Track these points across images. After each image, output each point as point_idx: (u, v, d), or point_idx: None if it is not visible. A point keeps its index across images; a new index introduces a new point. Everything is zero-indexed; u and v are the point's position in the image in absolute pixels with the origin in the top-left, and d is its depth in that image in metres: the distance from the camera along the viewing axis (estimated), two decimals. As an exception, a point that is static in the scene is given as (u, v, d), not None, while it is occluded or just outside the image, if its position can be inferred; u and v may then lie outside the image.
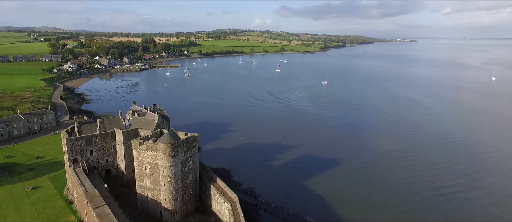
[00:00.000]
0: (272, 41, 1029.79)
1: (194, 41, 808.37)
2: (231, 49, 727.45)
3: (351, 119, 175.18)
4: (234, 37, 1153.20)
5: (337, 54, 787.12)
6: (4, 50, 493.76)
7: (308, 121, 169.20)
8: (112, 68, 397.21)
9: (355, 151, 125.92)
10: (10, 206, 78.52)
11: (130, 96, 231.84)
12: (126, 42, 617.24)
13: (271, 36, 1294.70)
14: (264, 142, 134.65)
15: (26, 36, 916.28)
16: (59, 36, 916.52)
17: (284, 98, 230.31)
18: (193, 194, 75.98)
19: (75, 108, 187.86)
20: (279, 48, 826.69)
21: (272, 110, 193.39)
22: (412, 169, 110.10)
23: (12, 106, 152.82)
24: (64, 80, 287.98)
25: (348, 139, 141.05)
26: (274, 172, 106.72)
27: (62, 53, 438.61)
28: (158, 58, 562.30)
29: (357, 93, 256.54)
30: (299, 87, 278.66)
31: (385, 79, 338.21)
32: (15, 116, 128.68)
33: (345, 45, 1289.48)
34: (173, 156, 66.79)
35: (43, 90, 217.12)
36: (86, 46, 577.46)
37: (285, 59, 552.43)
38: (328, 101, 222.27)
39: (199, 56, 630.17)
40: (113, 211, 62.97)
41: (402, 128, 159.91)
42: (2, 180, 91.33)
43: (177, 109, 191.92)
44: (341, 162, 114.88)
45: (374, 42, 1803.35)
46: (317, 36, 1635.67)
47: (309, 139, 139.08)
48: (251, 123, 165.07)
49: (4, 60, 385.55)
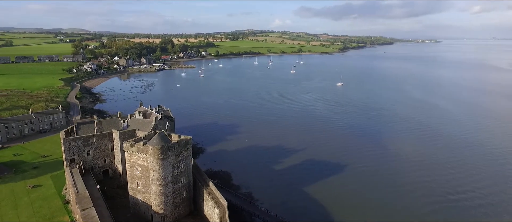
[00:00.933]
0: (290, 42, 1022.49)
1: (212, 42, 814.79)
2: (248, 50, 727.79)
3: (363, 123, 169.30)
4: (253, 38, 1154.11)
5: (356, 55, 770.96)
6: (30, 51, 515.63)
7: (318, 124, 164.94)
8: (129, 69, 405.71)
9: (364, 157, 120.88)
10: (9, 204, 79.94)
11: (143, 96, 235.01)
12: (145, 43, 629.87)
13: (289, 37, 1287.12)
14: (269, 145, 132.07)
15: (53, 38, 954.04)
16: (83, 37, 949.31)
17: (295, 100, 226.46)
18: (186, 197, 74.56)
19: (89, 107, 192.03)
20: (297, 49, 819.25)
21: (282, 112, 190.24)
22: (424, 175, 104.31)
23: (27, 105, 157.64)
24: (83, 80, 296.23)
25: (358, 143, 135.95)
26: (276, 176, 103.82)
27: (83, 54, 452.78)
28: (175, 59, 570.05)
29: (372, 95, 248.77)
30: (313, 89, 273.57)
31: (403, 82, 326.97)
32: (27, 115, 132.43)
33: (365, 46, 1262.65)
34: (162, 159, 65.58)
35: (60, 90, 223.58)
36: (107, 47, 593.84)
37: (301, 60, 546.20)
38: (341, 103, 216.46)
39: (216, 57, 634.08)
40: (101, 213, 62.51)
41: (415, 132, 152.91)
42: (6, 177, 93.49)
43: (187, 110, 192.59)
44: (348, 168, 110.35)
45: (396, 42, 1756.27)
46: (337, 37, 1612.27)
47: (317, 143, 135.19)
48: (258, 124, 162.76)
49: (29, 60, 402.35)
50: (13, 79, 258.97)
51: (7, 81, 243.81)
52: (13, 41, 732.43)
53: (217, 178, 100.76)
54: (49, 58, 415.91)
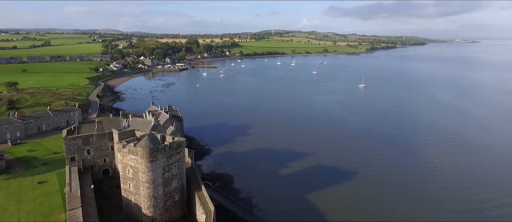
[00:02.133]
0: (316, 42, 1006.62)
1: (237, 42, 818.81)
2: (272, 50, 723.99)
3: (381, 127, 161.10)
4: (278, 38, 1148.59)
5: (384, 56, 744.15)
6: (64, 50, 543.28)
7: (334, 127, 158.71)
8: (154, 68, 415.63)
9: (378, 164, 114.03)
10: (14, 198, 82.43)
11: (162, 95, 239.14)
12: (171, 43, 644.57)
13: (316, 37, 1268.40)
14: (279, 148, 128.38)
15: (87, 38, 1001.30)
16: (114, 37, 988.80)
17: (313, 101, 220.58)
18: (179, 201, 73.18)
19: (108, 106, 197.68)
20: (322, 50, 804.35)
21: (297, 114, 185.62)
22: (441, 182, 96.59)
23: (49, 102, 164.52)
24: (107, 79, 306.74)
25: (374, 149, 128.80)
26: (280, 182, 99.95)
27: (111, 54, 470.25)
28: (199, 58, 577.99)
29: (395, 98, 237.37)
30: (333, 91, 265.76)
31: (432, 84, 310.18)
32: (45, 112, 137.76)
33: (395, 46, 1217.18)
34: (151, 161, 64.48)
35: (84, 88, 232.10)
36: (134, 47, 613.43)
37: (325, 61, 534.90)
38: (361, 106, 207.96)
39: (240, 57, 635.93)
40: (88, 214, 62.47)
41: (437, 138, 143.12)
42: (16, 172, 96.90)
43: (201, 110, 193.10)
44: (360, 177, 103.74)
45: (429, 43, 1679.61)
46: (365, 37, 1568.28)
47: (330, 148, 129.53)
48: (271, 126, 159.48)
49: (62, 59, 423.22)
50: (43, 77, 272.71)
51: (38, 79, 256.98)
52: (51, 42, 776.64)
53: (219, 180, 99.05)
54: (80, 57, 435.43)
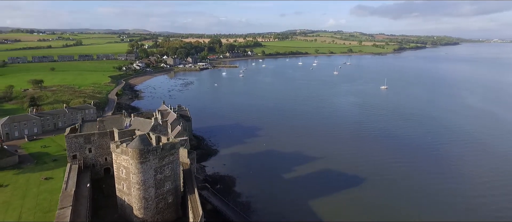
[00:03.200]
0: (341, 42, 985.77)
1: (259, 42, 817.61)
2: (295, 50, 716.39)
3: (400, 131, 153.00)
4: (302, 38, 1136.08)
5: (412, 57, 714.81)
6: (92, 50, 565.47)
7: (349, 131, 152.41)
8: (175, 68, 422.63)
9: (391, 172, 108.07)
10: (20, 193, 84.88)
11: (179, 94, 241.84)
12: (194, 43, 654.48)
13: (341, 36, 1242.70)
14: (288, 151, 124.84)
15: (117, 38, 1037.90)
16: (142, 37, 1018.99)
17: (330, 103, 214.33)
18: (172, 203, 72.08)
19: (125, 104, 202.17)
20: (347, 50, 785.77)
21: (311, 115, 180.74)
22: (460, 197, 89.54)
23: (68, 100, 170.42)
24: (129, 77, 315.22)
25: (388, 156, 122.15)
26: (284, 187, 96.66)
27: (136, 53, 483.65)
28: (221, 58, 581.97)
29: (418, 101, 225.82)
30: (352, 92, 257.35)
31: (461, 87, 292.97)
32: (61, 109, 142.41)
33: (425, 46, 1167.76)
34: (141, 163, 63.69)
35: (105, 86, 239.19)
36: (159, 46, 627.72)
37: (348, 61, 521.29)
38: (380, 109, 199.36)
39: (262, 57, 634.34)
40: (79, 213, 62.61)
41: (459, 145, 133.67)
42: (27, 168, 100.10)
43: (214, 109, 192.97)
44: (370, 186, 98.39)
45: (463, 43, 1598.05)
46: (394, 36, 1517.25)
47: (341, 153, 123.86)
48: (282, 128, 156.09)
49: (89, 58, 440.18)
50: (69, 75, 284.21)
51: (63, 77, 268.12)
52: (82, 41, 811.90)
53: (221, 182, 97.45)
54: (106, 56, 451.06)
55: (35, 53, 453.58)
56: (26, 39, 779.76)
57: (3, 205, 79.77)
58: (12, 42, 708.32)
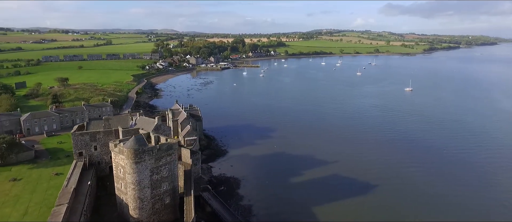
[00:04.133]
0: (368, 42, 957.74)
1: (283, 42, 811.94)
2: (319, 50, 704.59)
3: (421, 136, 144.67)
4: (327, 37, 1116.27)
5: (443, 57, 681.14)
6: (120, 49, 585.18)
7: (366, 135, 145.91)
8: (197, 67, 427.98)
9: (405, 180, 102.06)
10: (30, 188, 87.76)
11: (197, 94, 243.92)
12: (218, 43, 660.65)
13: (369, 36, 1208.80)
14: (298, 154, 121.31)
15: (145, 37, 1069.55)
16: (168, 36, 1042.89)
17: (349, 105, 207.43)
18: (170, 204, 71.47)
19: (144, 102, 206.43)
20: (373, 50, 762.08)
21: (328, 117, 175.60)
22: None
23: (88, 97, 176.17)
24: (152, 76, 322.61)
25: (405, 162, 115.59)
26: (290, 191, 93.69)
27: (160, 52, 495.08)
28: (244, 58, 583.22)
29: (445, 104, 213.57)
30: (374, 94, 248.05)
31: (495, 90, 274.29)
32: (80, 107, 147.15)
33: (459, 46, 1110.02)
34: (136, 163, 63.42)
35: (126, 85, 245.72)
36: (183, 46, 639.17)
37: (374, 62, 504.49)
38: (402, 112, 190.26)
39: (284, 57, 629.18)
40: (75, 210, 63.31)
41: (485, 153, 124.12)
42: (41, 163, 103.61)
43: (229, 109, 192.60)
44: (379, 193, 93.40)
45: (502, 43, 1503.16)
46: (425, 36, 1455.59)
47: (354, 158, 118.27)
48: (296, 130, 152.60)
49: (116, 57, 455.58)
50: (94, 73, 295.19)
51: (88, 76, 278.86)
52: (112, 41, 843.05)
53: (225, 184, 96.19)
54: (132, 56, 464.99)
55: (67, 53, 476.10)
56: (61, 39, 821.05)
57: (13, 198, 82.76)
58: (49, 42, 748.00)
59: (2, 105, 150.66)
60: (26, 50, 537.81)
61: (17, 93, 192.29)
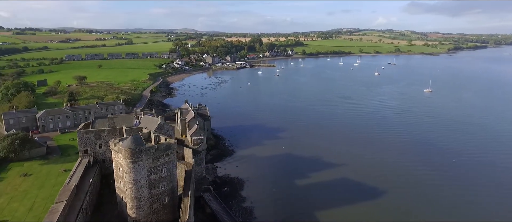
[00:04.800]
0: (389, 41, 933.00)
1: (301, 41, 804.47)
2: (338, 50, 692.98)
3: (437, 140, 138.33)
4: (347, 37, 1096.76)
5: (468, 57, 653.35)
6: (140, 48, 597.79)
7: (378, 137, 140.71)
8: (214, 66, 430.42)
9: (417, 188, 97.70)
10: (39, 183, 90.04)
11: (210, 93, 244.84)
12: (235, 42, 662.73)
13: (390, 35, 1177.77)
14: (306, 155, 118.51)
15: (164, 37, 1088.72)
16: (187, 36, 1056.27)
17: (363, 106, 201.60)
18: (169, 204, 71.11)
19: (157, 101, 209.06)
20: (394, 49, 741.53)
21: (340, 118, 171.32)
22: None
23: (103, 96, 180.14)
24: (168, 75, 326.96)
25: (416, 168, 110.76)
26: (293, 194, 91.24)
27: (178, 51, 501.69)
28: (261, 57, 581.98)
29: (466, 106, 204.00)
30: (391, 95, 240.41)
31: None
32: (93, 104, 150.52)
33: (486, 46, 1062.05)
34: (133, 162, 63.37)
35: (142, 83, 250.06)
36: (201, 45, 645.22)
37: (393, 61, 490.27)
38: (419, 114, 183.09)
39: (302, 56, 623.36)
40: (73, 207, 63.99)
41: (508, 159, 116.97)
42: (52, 159, 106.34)
43: (239, 108, 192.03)
44: (390, 202, 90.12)
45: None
46: (450, 35, 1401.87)
47: (364, 161, 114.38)
48: (306, 130, 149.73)
49: (134, 56, 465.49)
50: (112, 72, 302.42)
51: (106, 74, 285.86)
52: (133, 40, 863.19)
53: (228, 185, 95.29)
54: (150, 55, 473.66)
55: (89, 52, 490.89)
56: (85, 38, 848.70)
57: (22, 194, 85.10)
58: (73, 41, 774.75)
59: (22, 102, 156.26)
60: (52, 49, 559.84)
61: (37, 91, 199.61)
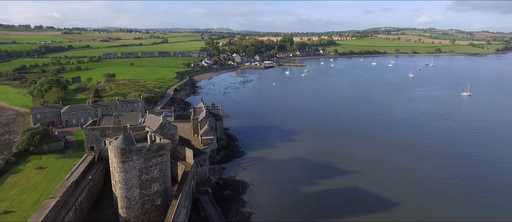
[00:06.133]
0: (430, 41, 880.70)
1: (334, 41, 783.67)
2: (372, 49, 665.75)
3: (470, 149, 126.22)
4: (384, 36, 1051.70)
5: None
6: (173, 47, 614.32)
7: (402, 144, 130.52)
8: (242, 65, 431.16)
9: (443, 204, 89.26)
10: (50, 177, 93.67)
11: (233, 92, 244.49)
12: (266, 42, 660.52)
13: (431, 35, 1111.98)
14: (319, 161, 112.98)
15: (198, 36, 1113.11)
16: (220, 35, 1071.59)
17: (390, 109, 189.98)
18: (161, 205, 70.15)
19: (180, 99, 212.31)
20: (434, 49, 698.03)
21: (361, 122, 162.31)
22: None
23: (126, 93, 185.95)
24: (195, 73, 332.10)
25: (446, 178, 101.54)
26: (298, 202, 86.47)
27: (208, 50, 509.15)
28: (291, 57, 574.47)
29: (509, 113, 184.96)
30: (423, 98, 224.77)
31: None
32: (113, 102, 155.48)
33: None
34: (123, 162, 63.01)
35: (168, 81, 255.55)
36: (232, 44, 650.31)
37: (431, 62, 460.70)
38: (453, 119, 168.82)
39: (334, 56, 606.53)
40: (67, 203, 64.89)
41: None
42: (67, 153, 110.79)
43: (258, 109, 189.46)
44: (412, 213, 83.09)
45: None
46: (501, 34, 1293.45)
47: (384, 170, 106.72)
48: (323, 133, 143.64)
49: (166, 55, 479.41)
50: (141, 70, 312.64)
51: (136, 72, 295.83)
52: (168, 39, 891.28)
53: (231, 188, 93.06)
54: (182, 53, 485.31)
55: (124, 50, 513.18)
56: (124, 38, 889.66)
57: (33, 186, 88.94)
58: (113, 40, 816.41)
59: (52, 98, 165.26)
60: (93, 48, 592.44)
61: (70, 88, 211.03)
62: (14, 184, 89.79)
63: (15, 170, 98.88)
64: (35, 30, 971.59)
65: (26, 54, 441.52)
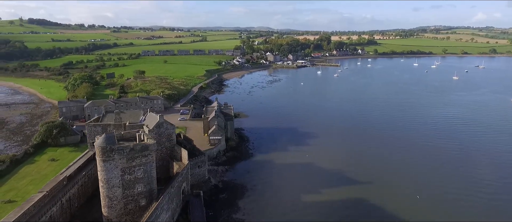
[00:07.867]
0: (485, 41, 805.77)
1: (374, 40, 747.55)
2: (416, 50, 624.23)
3: (505, 162, 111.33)
4: (431, 35, 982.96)
5: None
6: (210, 45, 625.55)
7: (428, 155, 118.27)
8: (274, 64, 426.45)
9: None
10: (59, 169, 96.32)
11: (258, 91, 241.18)
12: (302, 40, 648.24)
13: (486, 34, 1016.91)
14: (330, 168, 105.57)
15: (237, 35, 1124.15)
16: (258, 34, 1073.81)
17: (423, 115, 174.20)
18: (146, 206, 68.83)
19: (202, 97, 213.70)
20: (488, 50, 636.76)
21: (385, 127, 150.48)
22: None
23: (150, 90, 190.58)
24: (225, 72, 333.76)
25: (479, 194, 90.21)
26: (300, 211, 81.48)
27: (242, 49, 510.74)
28: (327, 56, 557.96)
29: None
30: (464, 103, 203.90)
31: None
32: (134, 98, 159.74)
33: None
34: (104, 161, 62.50)
35: (196, 79, 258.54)
36: (268, 43, 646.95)
37: (482, 64, 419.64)
38: (495, 129, 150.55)
39: (373, 56, 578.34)
40: (54, 199, 65.92)
41: None
42: (81, 147, 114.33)
43: (279, 109, 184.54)
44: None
45: None
46: None
47: (404, 182, 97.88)
48: (340, 138, 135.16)
49: (201, 53, 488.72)
50: (173, 67, 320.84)
51: (167, 69, 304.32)
52: (207, 38, 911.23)
53: (228, 192, 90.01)
54: (216, 51, 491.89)
55: (162, 48, 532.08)
56: (166, 36, 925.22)
57: (41, 177, 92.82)
58: (156, 38, 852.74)
59: (81, 92, 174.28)
60: (135, 46, 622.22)
61: (102, 83, 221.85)
62: (25, 174, 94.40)
63: (31, 160, 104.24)
64: (88, 28, 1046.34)
65: (75, 51, 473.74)
